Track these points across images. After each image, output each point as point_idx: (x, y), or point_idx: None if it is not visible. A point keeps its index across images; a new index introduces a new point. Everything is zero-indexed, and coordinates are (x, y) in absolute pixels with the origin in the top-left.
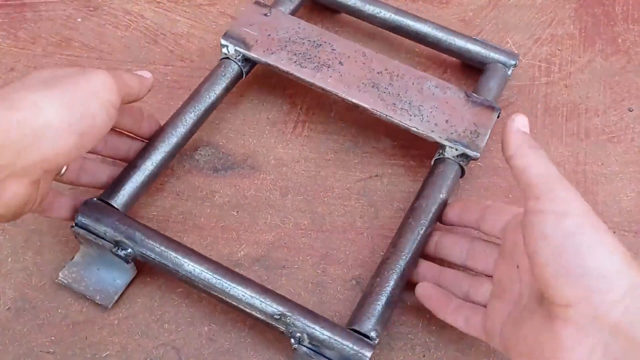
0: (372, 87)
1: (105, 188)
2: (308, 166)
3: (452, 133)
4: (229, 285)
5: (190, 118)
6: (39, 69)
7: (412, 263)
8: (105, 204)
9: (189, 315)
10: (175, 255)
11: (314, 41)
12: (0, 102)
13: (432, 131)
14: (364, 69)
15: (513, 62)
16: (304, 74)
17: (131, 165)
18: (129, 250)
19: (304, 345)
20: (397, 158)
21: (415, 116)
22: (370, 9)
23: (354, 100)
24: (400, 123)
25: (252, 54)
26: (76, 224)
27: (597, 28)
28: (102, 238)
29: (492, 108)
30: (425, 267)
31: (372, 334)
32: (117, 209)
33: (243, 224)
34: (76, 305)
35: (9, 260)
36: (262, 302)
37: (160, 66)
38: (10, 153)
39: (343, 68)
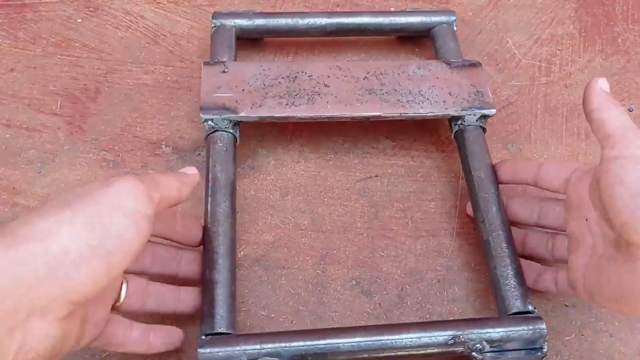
0: (370, 94)
1: (170, 313)
2: (308, 166)
3: (462, 102)
4: (392, 340)
5: (226, 208)
6: (62, 192)
7: (510, 230)
8: (219, 335)
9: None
10: (326, 343)
11: (288, 76)
12: (2, 238)
13: (446, 109)
14: (350, 81)
15: (453, 18)
16: (302, 111)
17: (208, 282)
18: None
19: (487, 352)
20: (397, 158)
21: (423, 102)
22: (304, 22)
23: (364, 114)
24: (415, 115)
25: (242, 116)
26: None
27: (597, 28)
28: None
29: (475, 65)
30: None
31: (530, 307)
32: (233, 334)
33: (243, 225)
34: None
35: None
36: (431, 336)
37: (160, 67)
38: (17, 295)
39: (332, 89)
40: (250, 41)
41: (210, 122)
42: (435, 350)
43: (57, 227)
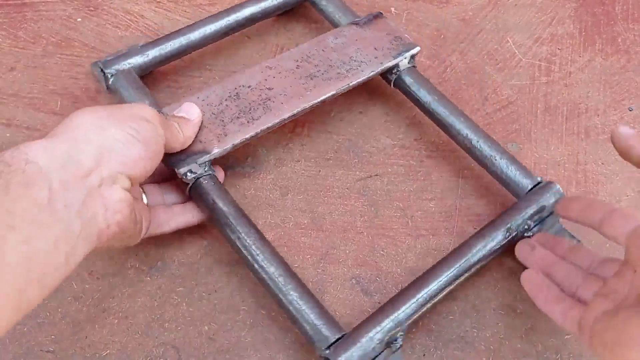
0: (312, 79)
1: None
2: (308, 166)
3: (390, 51)
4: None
5: (256, 234)
6: (83, 112)
7: None
8: (337, 341)
9: (189, 314)
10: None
11: (229, 96)
12: (52, 137)
13: (381, 63)
14: (287, 75)
15: None
16: (265, 121)
17: (290, 306)
18: None
19: (534, 227)
20: (396, 158)
21: (359, 66)
22: (194, 41)
23: (320, 99)
24: (361, 80)
25: (215, 152)
26: None
27: (597, 27)
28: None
29: (379, 16)
30: (542, 254)
31: (539, 179)
32: None
33: None
34: (76, 304)
35: None
36: (491, 239)
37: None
38: (88, 164)
39: (277, 89)
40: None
41: (189, 174)
42: (499, 247)
43: (102, 127)
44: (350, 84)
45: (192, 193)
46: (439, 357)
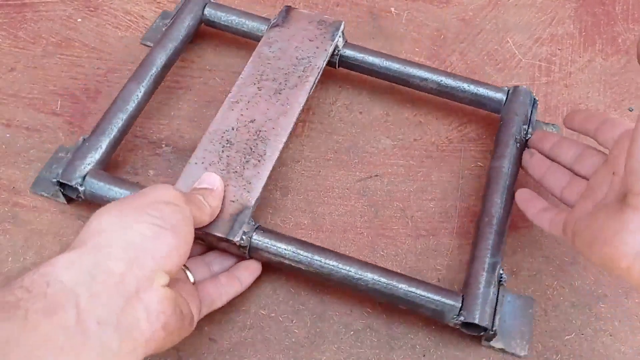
0: (280, 93)
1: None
2: (308, 166)
3: (324, 36)
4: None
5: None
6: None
7: None
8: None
9: None
10: None
11: (222, 145)
12: (81, 247)
13: (325, 50)
14: (258, 100)
15: None
16: (273, 151)
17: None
18: None
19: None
20: (397, 158)
21: (311, 61)
22: (132, 112)
23: (301, 106)
24: (320, 72)
25: (254, 203)
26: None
27: (597, 28)
28: None
29: (289, 10)
30: (538, 159)
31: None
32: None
33: None
34: None
35: (9, 260)
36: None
37: None
38: (120, 272)
39: (259, 118)
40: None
41: (244, 236)
42: (517, 160)
43: (126, 225)
44: (315, 81)
45: (252, 253)
46: (439, 358)
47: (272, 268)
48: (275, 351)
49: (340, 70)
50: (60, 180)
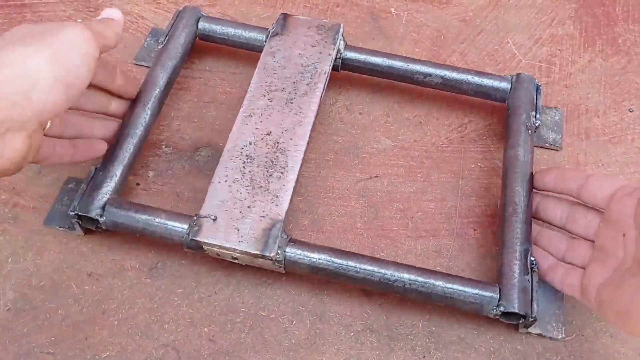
0: (292, 102)
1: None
2: (308, 166)
3: (325, 40)
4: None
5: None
6: (15, 27)
7: None
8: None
9: (189, 316)
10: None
11: (242, 161)
12: None
13: (329, 54)
14: (270, 112)
15: None
16: (295, 162)
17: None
18: None
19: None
20: (397, 158)
21: (317, 67)
22: (141, 136)
23: (315, 113)
24: (327, 77)
25: (284, 214)
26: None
27: (598, 28)
28: None
29: (286, 17)
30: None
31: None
32: None
33: None
34: (76, 305)
35: (9, 260)
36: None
37: None
38: (6, 107)
39: (275, 130)
40: None
41: (279, 251)
42: (531, 146)
43: (29, 57)
44: (324, 87)
45: (287, 267)
46: (440, 359)
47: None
48: (275, 352)
49: (342, 72)
50: (79, 213)
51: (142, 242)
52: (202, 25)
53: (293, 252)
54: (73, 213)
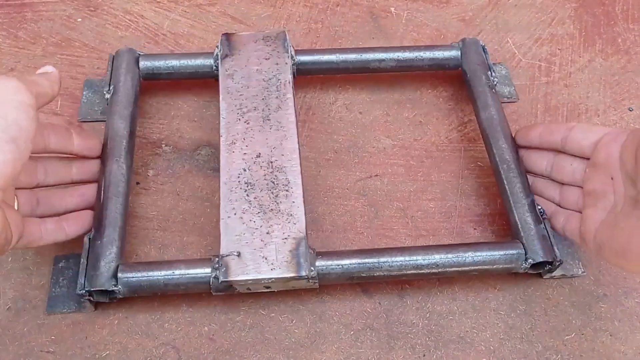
0: (269, 118)
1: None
2: (308, 166)
3: (277, 49)
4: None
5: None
6: None
7: None
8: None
9: (189, 315)
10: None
11: (243, 189)
12: None
13: (285, 63)
14: (252, 133)
15: None
16: (295, 177)
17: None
18: None
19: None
20: (397, 158)
21: (280, 78)
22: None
23: (295, 124)
24: (292, 86)
25: (305, 231)
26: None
27: (597, 28)
28: None
29: (229, 36)
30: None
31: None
32: None
33: None
34: None
35: (9, 260)
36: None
37: None
38: None
39: (263, 150)
40: None
41: (313, 269)
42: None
43: None
44: (293, 95)
45: (321, 280)
46: (439, 358)
47: None
48: (275, 351)
49: (297, 77)
50: (90, 290)
51: (143, 241)
52: (143, 64)
53: (324, 265)
54: (83, 291)
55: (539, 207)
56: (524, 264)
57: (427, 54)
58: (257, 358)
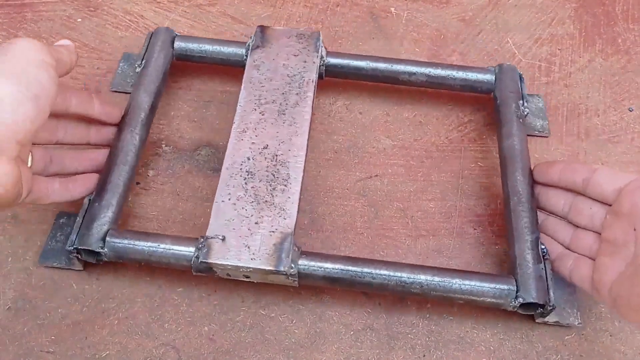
0: (284, 113)
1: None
2: (308, 166)
3: (308, 49)
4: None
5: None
6: None
7: None
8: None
9: (189, 315)
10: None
11: (244, 177)
12: None
13: (314, 62)
14: (264, 125)
15: None
16: (297, 173)
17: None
18: None
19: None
20: (397, 158)
21: (304, 76)
22: (132, 162)
23: (309, 121)
24: (315, 85)
25: (294, 227)
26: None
27: (597, 28)
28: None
29: (263, 29)
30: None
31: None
32: None
33: None
34: (76, 305)
35: (9, 260)
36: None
37: None
38: None
39: (271, 142)
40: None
41: (292, 266)
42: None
43: None
44: (314, 95)
45: (301, 279)
46: (439, 358)
47: None
48: (275, 351)
49: (326, 79)
50: (78, 247)
51: None
52: (178, 45)
53: (306, 265)
54: (72, 248)
55: (543, 247)
56: (513, 302)
57: (460, 74)
58: (257, 358)
